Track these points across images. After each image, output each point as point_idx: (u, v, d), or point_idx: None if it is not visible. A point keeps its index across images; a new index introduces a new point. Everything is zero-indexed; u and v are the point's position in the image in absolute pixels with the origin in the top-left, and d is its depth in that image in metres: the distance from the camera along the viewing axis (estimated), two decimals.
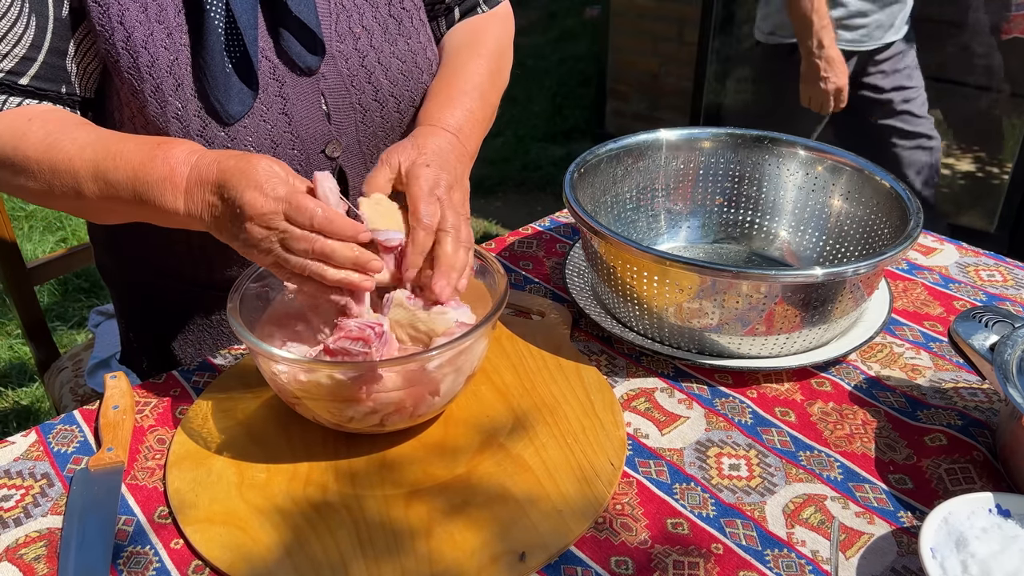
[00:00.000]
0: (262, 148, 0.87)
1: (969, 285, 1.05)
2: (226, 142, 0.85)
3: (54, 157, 0.78)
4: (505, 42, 1.05)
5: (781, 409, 0.84)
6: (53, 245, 2.83)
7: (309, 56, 0.88)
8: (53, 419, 0.84)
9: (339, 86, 0.91)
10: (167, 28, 0.82)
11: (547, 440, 0.78)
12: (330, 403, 0.73)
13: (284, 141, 0.88)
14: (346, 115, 0.92)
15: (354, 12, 0.92)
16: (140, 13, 0.81)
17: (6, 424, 2.05)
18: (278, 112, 0.87)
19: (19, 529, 0.71)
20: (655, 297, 0.86)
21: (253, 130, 0.86)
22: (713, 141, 1.10)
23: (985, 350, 0.79)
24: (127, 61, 0.82)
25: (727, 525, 0.71)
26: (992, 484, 0.74)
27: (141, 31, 0.81)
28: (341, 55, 0.90)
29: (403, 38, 0.94)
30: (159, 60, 0.82)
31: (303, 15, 0.86)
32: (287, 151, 0.89)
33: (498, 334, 0.94)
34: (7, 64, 0.81)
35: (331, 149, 0.92)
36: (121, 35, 0.81)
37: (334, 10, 0.90)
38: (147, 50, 0.81)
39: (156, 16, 0.82)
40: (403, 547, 0.68)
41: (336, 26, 0.90)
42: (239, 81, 0.84)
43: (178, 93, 0.83)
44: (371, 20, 0.92)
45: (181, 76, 0.83)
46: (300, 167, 0.91)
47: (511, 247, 1.15)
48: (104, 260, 1.09)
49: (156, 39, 0.82)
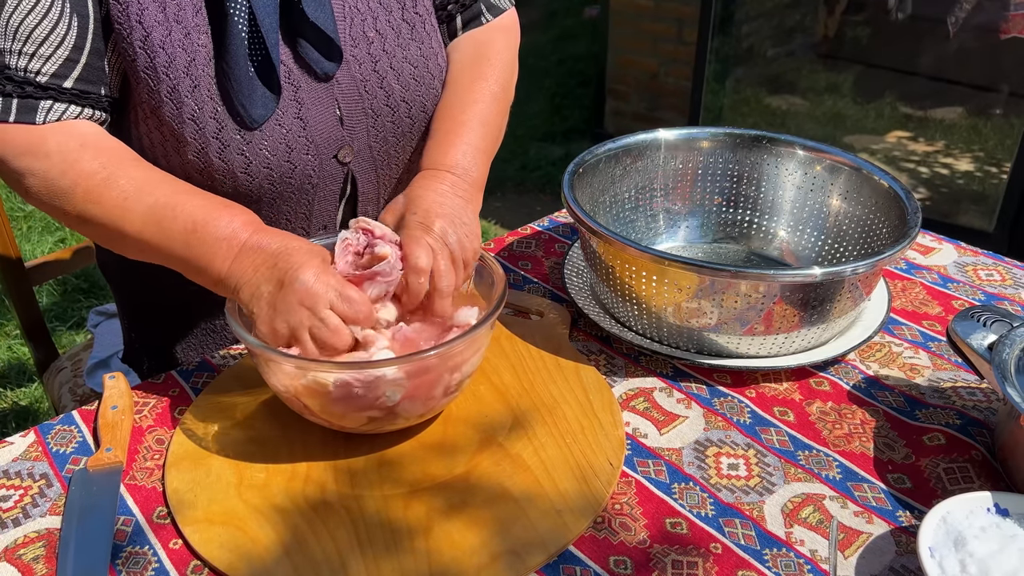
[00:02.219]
0: (276, 152, 0.87)
1: (967, 284, 1.05)
2: (241, 145, 0.85)
3: (105, 191, 0.78)
4: (510, 56, 1.03)
5: (780, 409, 0.84)
6: (52, 245, 2.83)
7: (326, 63, 0.88)
8: (52, 419, 0.84)
9: (352, 91, 0.90)
10: (185, 28, 0.82)
11: (546, 440, 0.78)
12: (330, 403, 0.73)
13: (299, 146, 0.88)
14: (358, 120, 0.92)
15: (368, 16, 0.91)
16: (159, 13, 0.81)
17: (5, 425, 2.05)
18: (293, 117, 0.87)
19: (18, 529, 0.71)
20: (654, 297, 0.86)
21: (268, 134, 0.86)
22: (712, 141, 1.10)
23: (983, 349, 0.79)
24: (144, 60, 0.81)
25: (726, 524, 0.71)
26: (990, 483, 0.74)
27: (159, 31, 0.81)
28: (355, 60, 0.90)
29: (415, 43, 0.94)
30: (176, 60, 0.81)
31: (320, 21, 0.85)
32: (301, 155, 0.89)
33: (497, 334, 0.94)
34: (51, 67, 0.79)
35: (343, 154, 0.92)
36: (139, 34, 0.81)
37: (348, 14, 0.90)
38: (164, 50, 0.81)
39: (175, 16, 0.81)
40: (402, 547, 0.68)
41: (350, 30, 0.90)
42: (261, 85, 0.84)
43: (194, 94, 0.82)
44: (384, 24, 0.92)
45: (198, 77, 0.82)
46: (313, 172, 0.90)
47: (510, 247, 1.15)
48: (106, 259, 1.09)
49: (174, 39, 0.81)
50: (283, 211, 0.92)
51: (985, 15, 2.67)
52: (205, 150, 0.84)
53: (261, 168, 0.87)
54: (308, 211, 0.93)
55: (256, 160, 0.86)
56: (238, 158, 0.85)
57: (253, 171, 0.86)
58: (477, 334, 0.73)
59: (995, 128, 3.01)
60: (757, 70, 3.53)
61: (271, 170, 0.87)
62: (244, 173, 0.86)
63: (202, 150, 0.84)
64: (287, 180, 0.89)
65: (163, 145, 0.86)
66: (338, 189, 0.94)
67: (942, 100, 3.16)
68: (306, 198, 0.92)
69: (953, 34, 2.71)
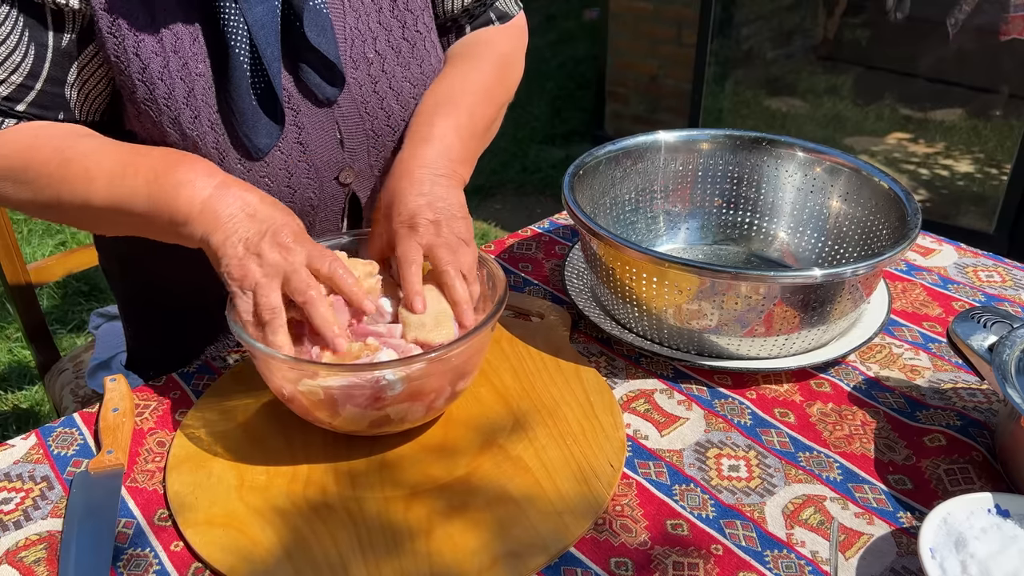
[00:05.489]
0: (277, 178, 0.86)
1: (968, 286, 1.05)
2: (243, 174, 0.85)
3: (66, 167, 0.78)
4: (512, 53, 1.03)
5: (780, 410, 0.84)
6: (53, 248, 2.84)
7: (328, 88, 0.87)
8: (53, 422, 0.85)
9: (352, 113, 0.89)
10: (183, 58, 0.81)
11: (547, 441, 0.78)
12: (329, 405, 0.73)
13: (299, 170, 0.88)
14: (359, 142, 0.91)
15: (368, 37, 0.90)
16: (156, 44, 0.80)
17: (6, 427, 2.05)
18: (293, 141, 0.86)
19: (19, 532, 0.71)
20: (654, 299, 0.86)
21: (269, 160, 0.85)
22: (711, 143, 1.10)
23: (984, 350, 0.79)
24: (144, 92, 0.81)
25: (727, 526, 0.71)
26: (991, 484, 0.74)
27: (157, 62, 0.80)
28: (356, 82, 0.89)
29: (416, 62, 0.93)
30: (175, 91, 0.81)
31: (323, 47, 0.84)
32: (302, 179, 0.88)
33: (497, 336, 0.94)
34: (3, 91, 0.79)
35: (344, 176, 0.91)
36: (137, 67, 0.80)
37: (349, 35, 0.88)
38: (163, 82, 0.80)
39: (172, 46, 0.80)
40: (403, 548, 0.68)
41: (351, 52, 0.89)
42: (264, 115, 0.84)
43: (195, 125, 0.82)
44: (384, 45, 0.91)
45: (198, 108, 0.82)
46: (314, 195, 0.90)
47: (510, 249, 1.15)
48: (108, 265, 1.09)
49: (172, 70, 0.80)
50: None
51: (984, 17, 2.68)
52: None
53: None
54: (310, 231, 0.93)
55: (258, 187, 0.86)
56: None
57: None
58: (478, 336, 0.73)
59: (995, 129, 3.02)
60: (757, 72, 3.53)
61: (272, 195, 0.87)
62: None
63: None
64: (288, 204, 0.88)
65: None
66: (340, 209, 0.94)
67: (942, 102, 3.17)
68: (307, 220, 0.92)
69: (953, 36, 2.72)
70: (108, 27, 0.79)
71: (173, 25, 0.80)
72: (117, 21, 0.79)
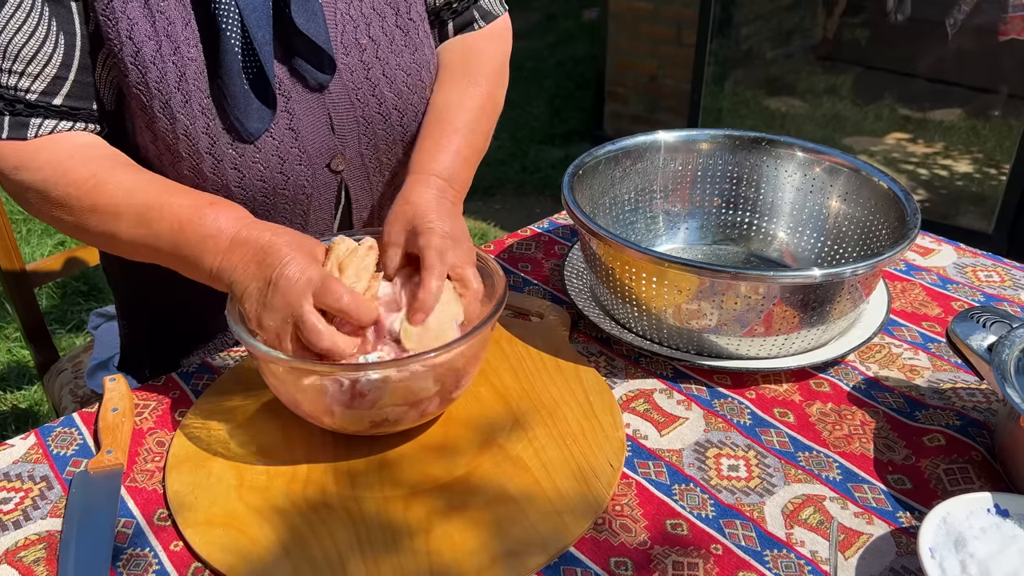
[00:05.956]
0: (269, 164, 0.87)
1: (967, 286, 1.05)
2: (235, 159, 0.85)
3: (97, 198, 0.79)
4: (500, 63, 1.03)
5: (780, 410, 0.84)
6: (52, 248, 2.84)
7: (319, 74, 0.87)
8: (52, 421, 0.85)
9: (344, 99, 0.90)
10: (175, 42, 0.81)
11: (546, 441, 0.78)
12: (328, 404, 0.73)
13: (291, 156, 0.88)
14: (350, 128, 0.91)
15: (361, 23, 0.90)
16: (149, 27, 0.80)
17: (5, 427, 2.05)
18: (285, 127, 0.87)
19: (18, 532, 0.71)
20: (654, 298, 0.86)
21: (261, 146, 0.86)
22: (711, 143, 1.10)
23: (983, 350, 0.79)
24: (136, 76, 0.81)
25: (726, 526, 0.71)
26: (990, 484, 0.74)
27: (150, 46, 0.81)
28: (347, 68, 0.89)
29: (409, 50, 0.93)
30: (167, 75, 0.81)
31: (311, 32, 0.84)
32: (294, 166, 0.88)
33: (497, 336, 0.94)
34: (40, 85, 0.80)
35: (336, 163, 0.92)
36: (130, 50, 0.80)
37: (340, 21, 0.89)
38: (155, 65, 0.81)
39: (164, 30, 0.81)
40: (402, 548, 0.68)
41: (342, 38, 0.89)
42: (256, 100, 0.84)
43: (186, 109, 0.82)
44: (378, 31, 0.91)
45: (189, 92, 0.82)
46: (307, 182, 0.90)
47: (510, 249, 1.15)
48: (109, 261, 1.09)
49: (164, 54, 0.81)
50: (279, 223, 0.91)
51: (984, 17, 2.68)
52: (199, 166, 0.84)
53: (255, 181, 0.87)
54: (304, 221, 0.93)
55: (250, 174, 0.86)
56: (232, 172, 0.85)
57: (247, 184, 0.86)
58: (478, 336, 0.73)
59: (994, 129, 3.02)
60: (756, 72, 3.54)
61: (265, 182, 0.87)
62: (239, 187, 0.86)
63: (196, 166, 0.84)
64: (281, 191, 0.89)
65: (159, 159, 0.86)
66: (333, 198, 0.94)
67: (941, 102, 3.17)
68: (301, 208, 0.92)
69: (952, 36, 2.72)
70: (103, 10, 0.80)
71: (166, 9, 0.81)
72: (111, 4, 0.80)
